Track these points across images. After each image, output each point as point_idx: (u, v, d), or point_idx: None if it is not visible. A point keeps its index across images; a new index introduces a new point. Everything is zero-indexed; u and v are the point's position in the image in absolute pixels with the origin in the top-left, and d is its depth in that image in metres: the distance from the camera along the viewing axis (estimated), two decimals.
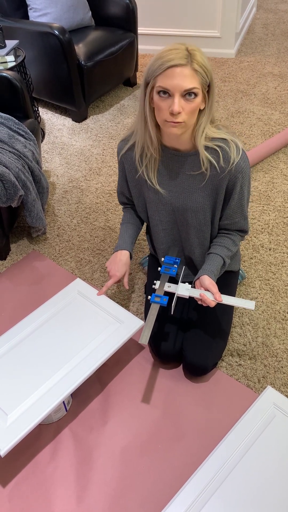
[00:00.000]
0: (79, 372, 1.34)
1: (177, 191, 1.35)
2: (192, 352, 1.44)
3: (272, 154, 2.52)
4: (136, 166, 1.36)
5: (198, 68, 1.08)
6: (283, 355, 1.57)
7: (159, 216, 1.43)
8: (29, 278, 1.91)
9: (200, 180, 1.31)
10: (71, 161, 2.59)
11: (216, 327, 1.48)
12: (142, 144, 1.28)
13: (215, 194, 1.33)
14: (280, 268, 1.88)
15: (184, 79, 1.08)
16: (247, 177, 1.30)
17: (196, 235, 1.43)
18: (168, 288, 1.37)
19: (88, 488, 1.29)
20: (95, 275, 1.90)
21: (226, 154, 1.25)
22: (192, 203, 1.35)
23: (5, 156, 1.78)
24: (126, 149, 1.36)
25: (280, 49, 3.72)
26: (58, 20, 2.88)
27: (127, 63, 3.09)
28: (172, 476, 1.30)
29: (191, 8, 3.46)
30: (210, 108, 1.18)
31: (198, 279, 1.37)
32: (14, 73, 2.11)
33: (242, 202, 1.34)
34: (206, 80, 1.11)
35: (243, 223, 1.41)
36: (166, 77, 1.09)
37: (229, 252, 1.42)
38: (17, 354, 1.41)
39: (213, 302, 1.30)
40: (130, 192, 1.49)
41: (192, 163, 1.29)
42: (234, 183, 1.29)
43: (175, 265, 1.42)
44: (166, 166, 1.33)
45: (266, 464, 1.21)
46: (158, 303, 1.33)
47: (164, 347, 1.47)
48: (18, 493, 1.28)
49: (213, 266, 1.38)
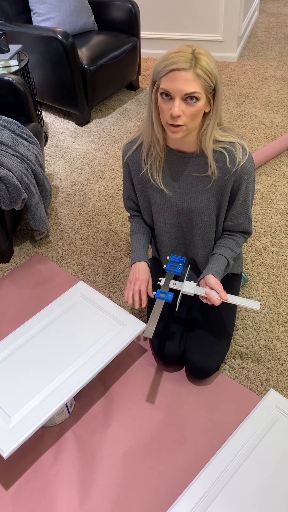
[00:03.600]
0: (82, 374, 1.34)
1: (182, 193, 1.35)
2: (195, 355, 1.44)
3: (274, 157, 2.52)
4: (142, 165, 1.37)
5: (201, 73, 1.08)
6: (286, 358, 1.57)
7: (163, 218, 1.44)
8: (32, 280, 1.92)
9: (206, 181, 1.31)
10: (74, 164, 2.60)
11: (219, 329, 1.48)
12: (149, 143, 1.29)
13: (220, 195, 1.33)
14: (282, 271, 1.88)
15: (185, 83, 1.08)
16: (252, 178, 1.30)
17: (200, 237, 1.43)
18: (174, 285, 1.37)
19: (91, 490, 1.29)
20: (97, 277, 1.91)
21: (232, 156, 1.25)
22: (197, 205, 1.35)
23: (8, 160, 1.79)
24: (133, 150, 1.36)
25: (282, 52, 3.73)
26: (61, 24, 2.90)
27: (130, 67, 3.11)
28: (175, 479, 1.30)
29: (193, 12, 3.48)
30: (216, 111, 1.17)
31: (203, 278, 1.37)
32: (17, 77, 2.13)
33: (246, 203, 1.35)
34: (211, 84, 1.11)
35: (247, 224, 1.41)
36: (168, 79, 1.09)
37: (232, 253, 1.43)
38: (20, 356, 1.42)
39: (218, 301, 1.30)
40: (136, 194, 1.49)
41: (198, 164, 1.30)
42: (239, 184, 1.29)
43: (180, 263, 1.42)
44: (171, 166, 1.33)
45: (269, 467, 1.21)
46: (163, 299, 1.33)
47: (167, 349, 1.47)
48: (21, 496, 1.28)
49: (217, 266, 1.38)
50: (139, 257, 1.50)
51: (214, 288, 1.32)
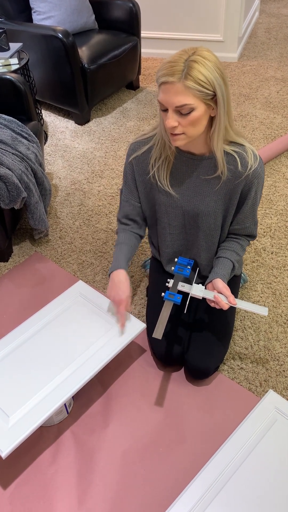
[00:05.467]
0: (81, 374, 1.34)
1: (189, 195, 1.35)
2: (194, 355, 1.44)
3: (274, 157, 2.52)
4: (148, 168, 1.36)
5: (191, 84, 1.04)
6: (284, 359, 1.57)
7: (168, 219, 1.43)
8: (31, 280, 1.91)
9: (214, 184, 1.31)
10: (73, 163, 2.60)
11: (218, 330, 1.48)
12: (160, 145, 1.28)
13: (228, 198, 1.33)
14: (282, 271, 1.88)
15: (175, 96, 1.06)
16: (262, 183, 1.30)
17: (204, 239, 1.43)
18: (182, 287, 1.36)
19: (90, 490, 1.28)
20: (97, 277, 1.91)
21: (243, 160, 1.24)
22: (204, 207, 1.35)
23: (8, 158, 1.79)
24: (142, 152, 1.34)
25: (282, 53, 3.73)
26: (62, 23, 2.89)
27: (130, 66, 3.10)
28: (174, 479, 1.30)
29: (194, 12, 3.48)
30: (223, 114, 1.14)
31: (211, 282, 1.37)
32: (17, 75, 2.12)
33: (254, 207, 1.35)
34: (207, 92, 1.08)
35: (253, 228, 1.41)
36: (161, 91, 1.09)
37: (238, 257, 1.42)
38: (19, 356, 1.41)
39: (226, 305, 1.30)
40: (139, 196, 1.46)
41: (207, 166, 1.29)
42: (250, 188, 1.29)
43: (188, 266, 1.41)
44: (180, 169, 1.32)
45: (268, 467, 1.21)
46: (172, 300, 1.32)
47: (166, 349, 1.47)
48: (19, 495, 1.28)
49: (224, 270, 1.38)
50: (117, 266, 1.42)
51: (222, 292, 1.32)
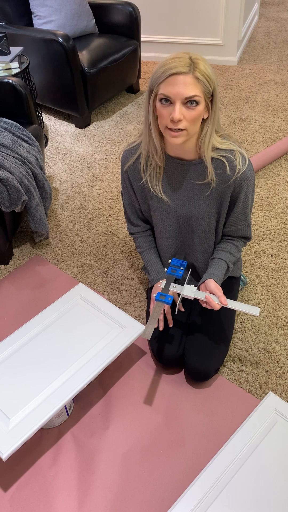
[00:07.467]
0: (81, 376, 1.35)
1: (182, 199, 1.36)
2: (194, 357, 1.44)
3: (274, 161, 2.53)
4: (141, 175, 1.37)
5: (200, 77, 1.09)
6: (284, 361, 1.57)
7: (163, 224, 1.44)
8: (31, 282, 1.92)
9: (205, 189, 1.32)
10: (74, 166, 2.61)
11: (218, 333, 1.48)
12: (147, 153, 1.29)
13: (220, 201, 1.34)
14: (282, 274, 1.89)
15: (185, 86, 1.09)
16: (251, 186, 1.30)
17: (200, 242, 1.44)
18: (174, 288, 1.37)
19: (90, 493, 1.28)
20: (97, 280, 1.91)
21: (232, 164, 1.26)
22: (196, 211, 1.36)
23: (9, 162, 1.80)
24: (133, 160, 1.36)
25: (282, 57, 3.74)
26: (62, 27, 2.91)
27: (130, 70, 3.12)
28: (174, 482, 1.30)
29: (194, 16, 3.50)
30: (214, 117, 1.18)
31: (203, 282, 1.38)
32: (18, 79, 2.14)
33: (246, 210, 1.35)
34: (209, 89, 1.12)
35: (247, 230, 1.42)
36: (168, 84, 1.10)
37: (232, 258, 1.43)
38: (19, 358, 1.42)
39: (218, 305, 1.31)
40: (138, 201, 1.48)
41: (197, 172, 1.30)
42: (239, 191, 1.30)
43: (181, 267, 1.43)
44: (171, 174, 1.34)
45: (268, 470, 1.21)
46: (162, 301, 1.33)
47: (166, 351, 1.48)
48: (19, 498, 1.28)
49: (217, 271, 1.39)
50: (157, 277, 1.51)
51: (214, 292, 1.33)
